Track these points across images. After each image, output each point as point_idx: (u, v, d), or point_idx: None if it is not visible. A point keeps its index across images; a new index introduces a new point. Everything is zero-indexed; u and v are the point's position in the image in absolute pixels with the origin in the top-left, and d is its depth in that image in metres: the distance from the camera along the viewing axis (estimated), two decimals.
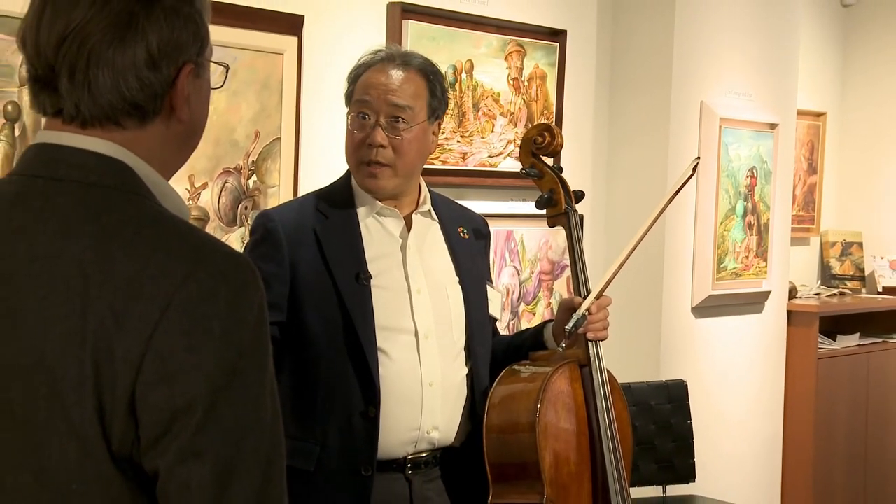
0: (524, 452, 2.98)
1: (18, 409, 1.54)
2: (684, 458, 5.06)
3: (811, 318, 6.30)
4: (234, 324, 1.53)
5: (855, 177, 7.24)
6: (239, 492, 1.51)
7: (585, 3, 5.34)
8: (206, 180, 3.89)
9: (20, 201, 1.61)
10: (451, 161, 3.16)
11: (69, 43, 1.57)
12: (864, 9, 7.18)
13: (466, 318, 3.10)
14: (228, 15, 3.82)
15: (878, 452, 6.75)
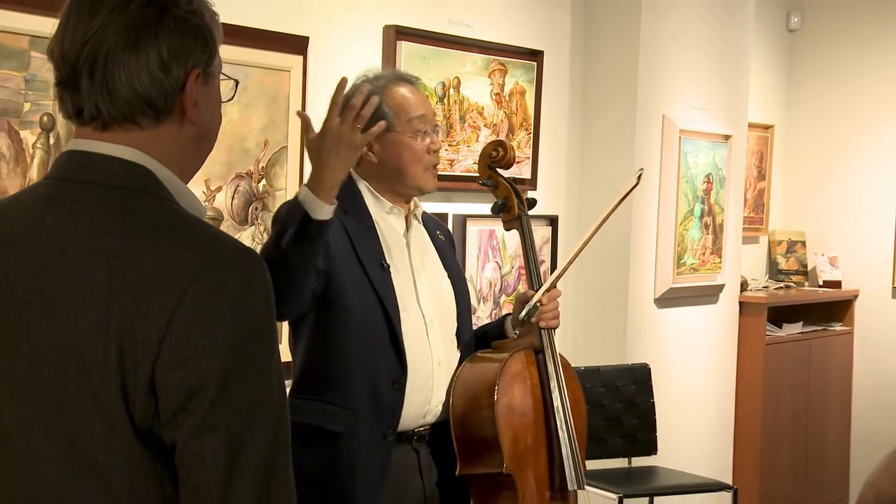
0: (485, 429, 3.01)
1: (51, 388, 1.55)
2: (647, 433, 5.06)
3: (760, 308, 6.31)
4: (244, 311, 1.53)
5: (799, 182, 7.24)
6: (248, 461, 1.52)
7: (560, 27, 5.33)
8: (220, 184, 3.88)
9: (53, 203, 1.62)
10: (441, 168, 3.18)
11: (90, 46, 1.59)
12: (807, 34, 7.19)
13: (457, 307, 3.13)
14: (241, 36, 3.84)
15: (819, 428, 6.76)
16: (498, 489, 3.05)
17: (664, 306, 5.64)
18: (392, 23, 4.46)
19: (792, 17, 7.18)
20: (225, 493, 1.51)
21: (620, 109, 5.41)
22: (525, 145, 5.08)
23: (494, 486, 3.04)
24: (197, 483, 1.52)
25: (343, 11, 4.32)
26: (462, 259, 4.77)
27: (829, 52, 7.11)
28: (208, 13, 1.69)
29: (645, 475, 4.97)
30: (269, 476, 1.54)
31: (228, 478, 1.51)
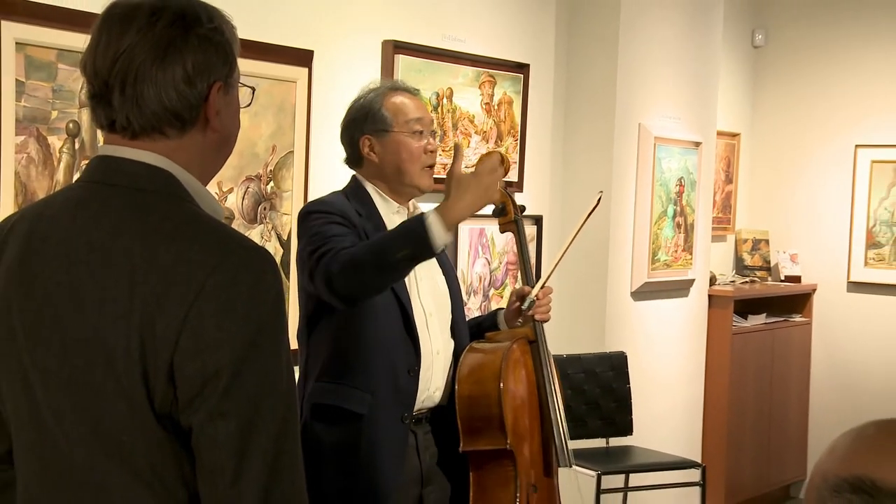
0: (491, 409, 3.02)
1: (80, 375, 1.56)
2: (624, 415, 5.05)
3: (727, 301, 6.30)
4: (255, 306, 1.53)
5: (763, 186, 7.24)
6: (258, 444, 1.52)
7: (545, 43, 5.32)
8: (231, 186, 3.88)
9: (83, 203, 1.64)
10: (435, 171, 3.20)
11: (121, 63, 1.59)
12: (770, 50, 7.19)
13: (451, 301, 3.13)
14: (252, 50, 3.83)
15: (780, 410, 6.76)
16: (498, 464, 3.06)
17: (640, 299, 5.64)
18: (390, 38, 4.46)
19: (756, 34, 7.19)
20: (237, 473, 1.51)
21: (600, 118, 5.40)
22: (512, 151, 5.07)
23: (497, 461, 3.05)
24: (211, 464, 1.53)
25: (345, 27, 4.32)
26: (455, 255, 4.76)
27: (790, 66, 7.12)
28: (228, 29, 1.70)
29: (621, 454, 4.97)
30: (278, 458, 1.54)
31: (240, 460, 1.51)
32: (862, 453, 1.35)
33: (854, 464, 1.34)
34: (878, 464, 1.31)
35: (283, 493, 1.54)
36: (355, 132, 3.04)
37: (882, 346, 6.80)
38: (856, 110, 6.87)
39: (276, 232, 4.03)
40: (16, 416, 1.66)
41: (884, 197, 6.80)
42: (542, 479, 3.15)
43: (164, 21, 1.61)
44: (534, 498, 3.09)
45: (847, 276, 6.92)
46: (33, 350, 1.61)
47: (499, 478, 3.06)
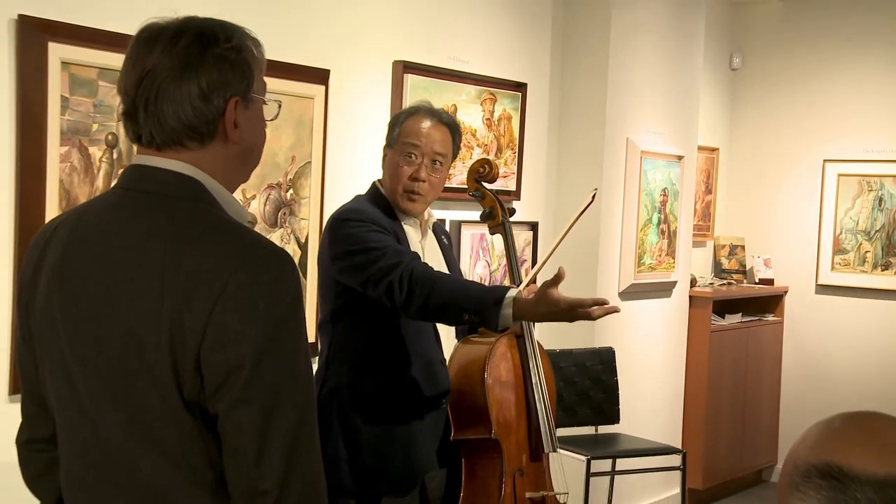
0: (477, 401, 3.02)
1: (115, 365, 1.57)
2: (611, 405, 5.05)
3: (706, 301, 6.29)
4: (274, 303, 1.53)
5: (740, 196, 7.24)
6: (278, 428, 1.53)
7: (541, 64, 5.32)
8: (254, 192, 3.87)
9: (118, 208, 1.64)
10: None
11: (145, 82, 1.60)
12: (746, 73, 7.19)
13: None
14: (273, 69, 3.77)
15: (754, 401, 6.75)
16: (486, 452, 3.05)
17: (627, 298, 5.63)
18: (400, 59, 4.46)
19: (734, 58, 7.19)
20: (259, 455, 1.52)
21: (591, 133, 5.40)
22: (511, 162, 5.07)
23: (483, 449, 3.05)
24: (235, 447, 1.54)
25: (359, 49, 4.31)
26: (458, 258, 4.76)
27: (764, 87, 7.12)
28: (248, 47, 1.68)
29: (609, 441, 4.96)
30: (296, 440, 1.55)
31: (261, 442, 1.52)
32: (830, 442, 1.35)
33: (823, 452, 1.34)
34: (846, 452, 1.31)
35: (302, 472, 1.54)
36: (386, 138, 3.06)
37: (847, 343, 6.79)
38: (824, 128, 6.87)
39: (294, 235, 4.03)
40: (59, 402, 1.67)
41: (849, 207, 6.80)
42: (529, 464, 3.14)
43: (185, 42, 1.60)
44: (520, 482, 3.09)
45: (815, 280, 6.92)
46: (72, 343, 1.61)
47: (486, 464, 3.06)
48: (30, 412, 1.79)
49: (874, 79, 6.68)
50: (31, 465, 1.82)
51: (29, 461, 1.82)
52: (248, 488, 1.53)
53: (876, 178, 6.69)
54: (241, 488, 1.54)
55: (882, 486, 1.28)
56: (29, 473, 1.83)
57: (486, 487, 3.05)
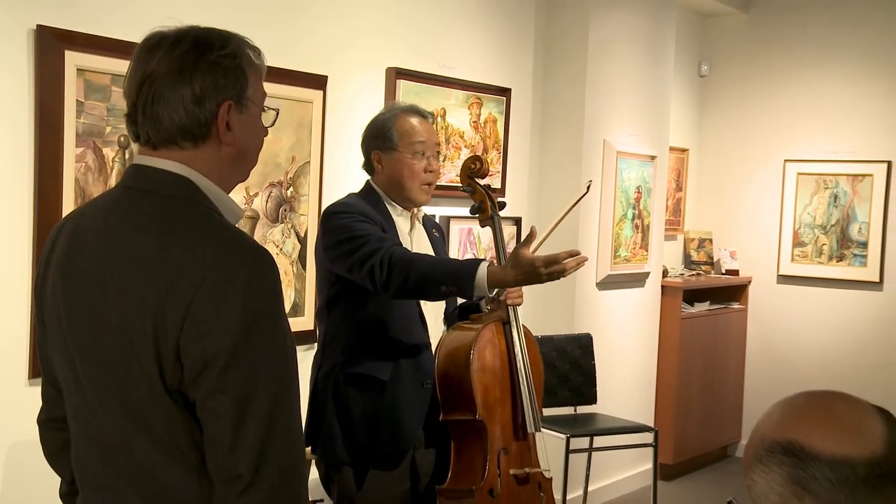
0: (463, 385, 3.00)
1: (109, 354, 1.55)
2: (589, 387, 5.05)
3: (677, 290, 6.29)
4: (251, 297, 1.50)
5: (708, 193, 7.25)
6: (252, 417, 1.50)
7: (524, 70, 5.32)
8: (257, 190, 3.86)
9: (116, 205, 1.63)
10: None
11: (145, 86, 1.58)
12: (714, 79, 7.19)
13: None
14: (275, 75, 3.81)
15: (720, 383, 6.76)
16: (472, 432, 3.03)
17: (604, 288, 5.63)
18: (393, 65, 4.45)
19: (702, 65, 7.19)
20: (232, 442, 1.50)
21: (571, 135, 5.40)
22: (496, 162, 5.06)
23: (470, 429, 3.03)
24: (212, 434, 1.52)
25: (355, 56, 4.31)
26: (446, 251, 4.76)
27: (730, 92, 7.13)
28: (244, 53, 1.66)
29: (587, 420, 4.97)
30: (271, 428, 1.52)
31: (236, 430, 1.50)
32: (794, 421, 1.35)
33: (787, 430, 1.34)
34: (807, 433, 1.32)
35: (276, 458, 1.52)
36: (369, 146, 3.03)
37: (805, 329, 6.81)
38: (785, 130, 6.88)
39: (294, 230, 4.02)
40: (66, 387, 1.67)
41: (807, 203, 6.81)
42: (514, 442, 3.11)
43: (182, 48, 1.59)
44: (504, 459, 3.07)
45: (777, 270, 6.93)
46: (73, 332, 1.60)
47: (472, 443, 3.04)
48: (48, 394, 1.79)
49: (831, 86, 6.70)
50: (50, 443, 1.82)
51: (48, 439, 1.83)
52: (223, 472, 1.51)
53: (832, 176, 6.71)
54: (218, 472, 1.52)
55: (838, 466, 1.29)
56: (48, 450, 1.84)
57: (473, 465, 3.03)
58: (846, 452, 1.29)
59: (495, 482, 3.02)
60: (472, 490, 2.98)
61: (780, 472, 1.32)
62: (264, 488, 1.50)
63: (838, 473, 1.28)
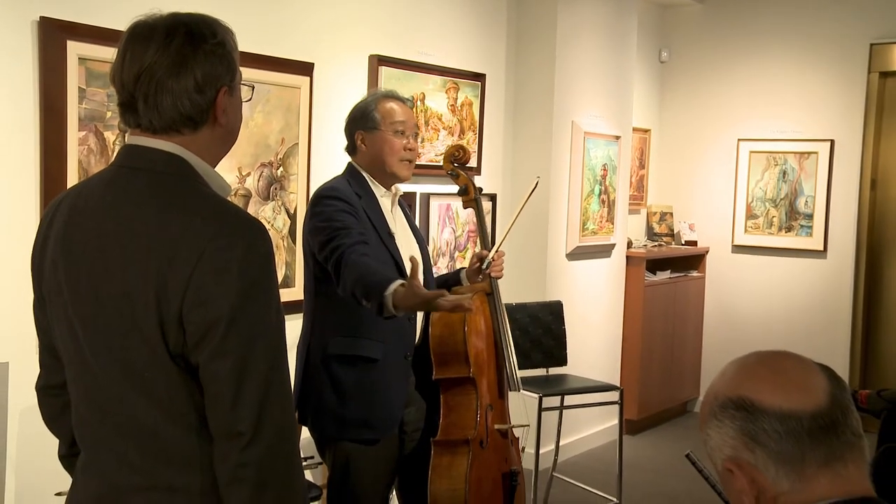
0: (457, 346, 3.04)
1: (110, 322, 1.54)
2: (560, 350, 5.04)
3: (640, 260, 6.29)
4: (247, 266, 1.49)
5: (668, 171, 7.25)
6: (251, 377, 1.50)
7: (498, 57, 5.29)
8: (249, 170, 3.83)
9: (112, 183, 1.61)
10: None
11: (143, 77, 1.56)
12: (673, 65, 7.18)
13: (423, 264, 3.07)
14: (265, 63, 3.86)
15: (680, 344, 6.79)
16: (463, 389, 3.08)
17: (573, 259, 5.63)
18: (375, 53, 4.42)
19: (662, 52, 7.17)
20: (234, 401, 1.50)
21: (541, 117, 5.38)
22: (472, 142, 5.04)
23: (460, 386, 3.08)
24: (214, 394, 1.52)
25: (339, 44, 4.27)
26: (426, 226, 4.75)
27: (688, 77, 7.12)
28: (229, 40, 1.65)
29: (558, 381, 4.97)
30: (268, 388, 1.52)
31: (237, 390, 1.50)
32: (744, 379, 1.35)
33: (738, 387, 1.34)
34: (757, 389, 1.33)
35: (273, 415, 1.52)
36: (353, 127, 3.01)
37: (757, 294, 6.85)
38: (738, 112, 6.89)
39: (284, 207, 3.99)
40: (66, 353, 1.65)
41: (759, 179, 6.83)
42: (497, 400, 3.18)
43: (177, 41, 1.57)
44: (490, 414, 3.11)
45: (732, 241, 6.95)
46: (74, 303, 1.59)
47: (463, 399, 3.08)
48: (46, 362, 1.77)
49: (780, 70, 6.70)
50: (49, 408, 1.80)
51: (46, 404, 1.81)
52: (225, 430, 1.51)
53: (781, 154, 6.73)
54: (220, 430, 1.52)
55: (785, 418, 1.30)
56: (47, 415, 1.82)
57: (463, 419, 3.07)
58: (793, 406, 1.29)
59: (484, 434, 3.08)
60: (467, 440, 3.02)
61: (733, 426, 1.32)
62: (263, 443, 1.50)
63: (786, 426, 1.28)
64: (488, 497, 3.10)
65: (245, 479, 1.49)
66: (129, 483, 1.57)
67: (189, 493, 1.55)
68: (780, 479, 1.28)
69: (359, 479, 2.88)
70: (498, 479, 3.15)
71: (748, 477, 1.31)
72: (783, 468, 1.28)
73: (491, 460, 3.11)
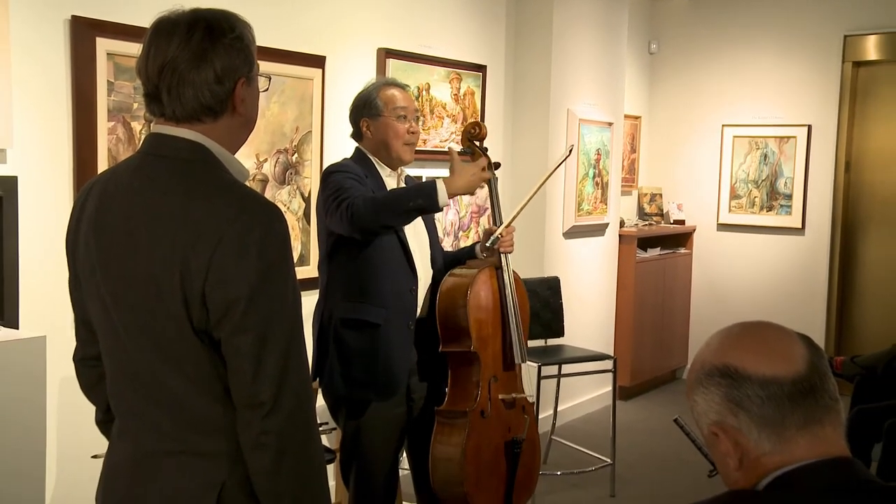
0: (459, 321, 2.99)
1: (139, 300, 1.55)
2: (557, 322, 5.04)
3: (632, 239, 6.28)
4: (265, 248, 1.49)
5: (658, 154, 7.23)
6: (270, 352, 1.50)
7: (498, 49, 5.27)
8: (266, 157, 3.82)
9: (139, 170, 1.61)
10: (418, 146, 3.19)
11: (166, 70, 1.55)
12: (662, 56, 7.14)
13: (430, 239, 3.08)
14: (281, 56, 3.84)
15: (669, 316, 6.79)
16: (467, 361, 3.05)
17: (569, 237, 5.62)
18: (383, 46, 4.40)
19: (652, 44, 7.13)
20: (255, 373, 1.50)
21: (538, 105, 5.36)
22: None
23: (465, 359, 3.05)
24: (235, 368, 1.52)
25: (349, 38, 4.26)
26: None
27: (676, 67, 7.09)
28: (247, 34, 1.64)
29: (556, 351, 4.97)
30: (286, 361, 1.52)
31: (257, 363, 1.50)
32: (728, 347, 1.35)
33: (723, 355, 1.34)
34: (740, 357, 1.32)
35: (292, 386, 1.52)
36: (357, 115, 2.99)
37: (741, 268, 6.84)
38: (723, 99, 6.86)
39: (299, 191, 3.99)
40: (99, 328, 1.65)
41: (742, 162, 6.82)
42: (503, 372, 3.12)
43: (198, 35, 1.56)
44: (494, 386, 3.08)
45: (717, 220, 6.93)
46: (106, 282, 1.59)
47: (467, 371, 3.05)
48: (82, 336, 1.77)
49: (761, 61, 6.67)
50: (85, 378, 1.81)
51: (83, 374, 1.81)
52: (247, 400, 1.51)
53: (762, 138, 6.71)
54: (243, 401, 1.52)
55: (767, 384, 1.30)
56: (84, 384, 1.82)
57: (467, 390, 3.04)
58: (774, 373, 1.29)
59: (486, 405, 3.04)
60: (465, 412, 3.00)
61: (718, 393, 1.32)
62: (284, 412, 1.50)
63: (767, 391, 1.28)
64: (489, 464, 3.08)
65: (267, 445, 1.50)
66: (160, 448, 1.58)
67: (217, 457, 1.56)
68: (762, 442, 1.29)
69: (369, 442, 2.89)
70: (500, 447, 3.11)
71: (732, 440, 1.31)
72: (765, 431, 1.28)
73: (493, 430, 3.08)
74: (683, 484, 4.75)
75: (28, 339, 2.61)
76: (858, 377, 4.45)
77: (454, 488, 3.00)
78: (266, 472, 1.51)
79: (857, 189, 6.50)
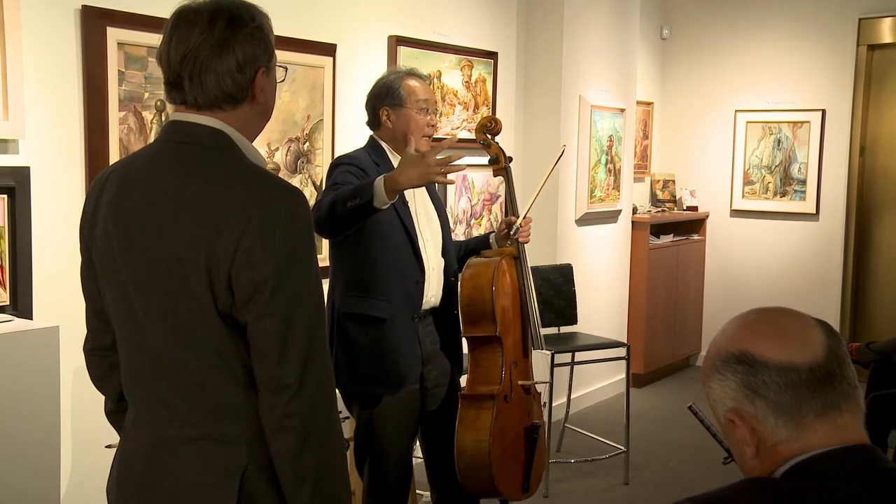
0: (485, 306, 3.02)
1: (161, 284, 1.55)
2: (570, 310, 5.03)
3: (645, 225, 6.26)
4: (290, 232, 1.50)
5: (670, 141, 7.20)
6: (296, 334, 1.51)
7: (509, 36, 5.24)
8: (278, 145, 3.82)
9: (160, 156, 1.62)
10: None
11: (189, 58, 1.56)
12: (674, 42, 7.10)
13: (442, 230, 3.05)
14: (292, 44, 3.85)
15: (682, 303, 6.77)
16: (490, 346, 3.08)
17: (582, 224, 5.61)
18: (394, 33, 4.38)
19: (664, 30, 7.09)
20: (281, 356, 1.51)
21: (550, 92, 5.34)
22: None
23: (487, 344, 3.07)
24: (261, 350, 1.52)
25: (360, 26, 4.24)
26: (444, 194, 4.73)
27: (688, 53, 7.05)
28: (266, 24, 1.65)
29: (569, 338, 4.96)
30: (311, 344, 1.53)
31: (283, 346, 1.51)
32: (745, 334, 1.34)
33: (739, 342, 1.32)
34: (757, 343, 1.31)
35: (316, 369, 1.53)
36: (377, 103, 2.96)
37: (754, 255, 6.82)
38: (735, 84, 6.83)
39: (311, 179, 3.98)
40: (117, 314, 1.65)
41: (755, 148, 6.78)
42: (521, 358, 3.16)
43: (220, 24, 1.57)
44: (514, 371, 3.11)
45: (730, 206, 6.90)
46: (127, 267, 1.59)
47: (490, 356, 3.07)
48: (93, 325, 1.77)
49: (774, 45, 6.63)
50: (96, 368, 1.80)
51: (93, 365, 1.80)
52: (272, 383, 1.52)
53: (775, 124, 6.67)
54: (267, 384, 1.52)
55: (784, 370, 1.28)
56: (95, 375, 1.82)
57: (489, 374, 3.06)
58: (791, 359, 1.27)
59: (508, 390, 3.07)
60: (492, 395, 3.02)
61: (734, 379, 1.31)
62: (307, 396, 1.51)
63: (785, 377, 1.27)
64: (511, 448, 3.10)
65: (291, 427, 1.51)
66: (179, 434, 1.58)
67: (236, 443, 1.56)
68: (780, 429, 1.27)
69: (382, 432, 2.88)
70: (521, 432, 3.15)
71: (749, 427, 1.29)
72: (782, 418, 1.27)
73: (514, 414, 3.11)
74: (698, 471, 4.74)
75: (41, 329, 2.61)
76: (874, 363, 4.42)
77: (481, 472, 3.00)
78: (289, 456, 1.52)
79: (871, 173, 6.45)
